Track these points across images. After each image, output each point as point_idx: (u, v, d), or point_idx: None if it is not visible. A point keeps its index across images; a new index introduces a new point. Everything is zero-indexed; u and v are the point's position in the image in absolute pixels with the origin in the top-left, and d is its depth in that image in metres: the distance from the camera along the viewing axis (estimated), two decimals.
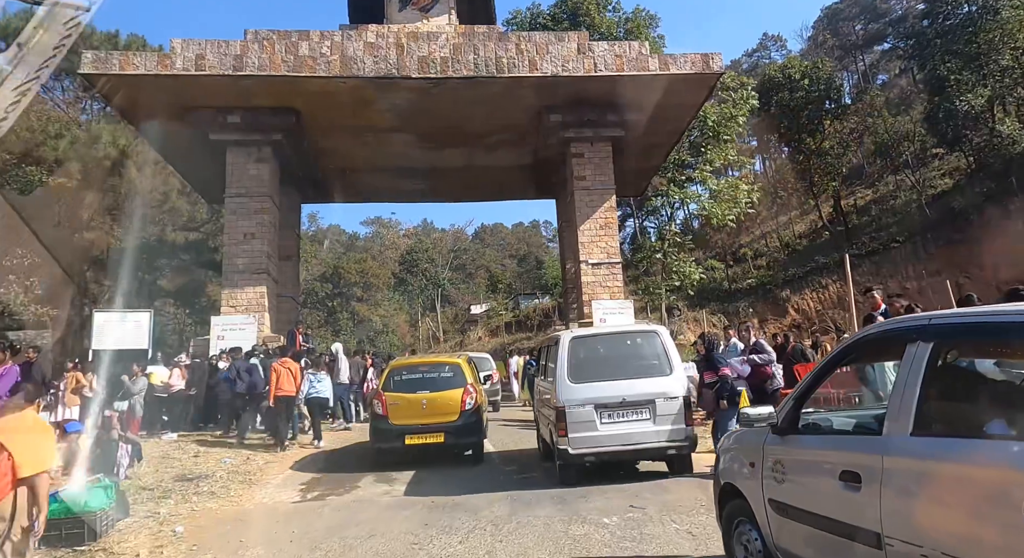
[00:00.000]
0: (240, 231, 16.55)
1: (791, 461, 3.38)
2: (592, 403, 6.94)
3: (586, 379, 7.14)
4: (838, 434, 3.36)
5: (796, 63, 30.33)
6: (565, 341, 7.51)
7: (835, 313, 22.98)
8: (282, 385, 10.30)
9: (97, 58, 14.46)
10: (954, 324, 2.82)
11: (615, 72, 15.74)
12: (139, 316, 14.74)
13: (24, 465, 3.62)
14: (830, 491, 2.94)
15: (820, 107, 28.91)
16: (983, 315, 2.79)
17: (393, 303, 64.61)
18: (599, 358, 7.45)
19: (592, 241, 16.97)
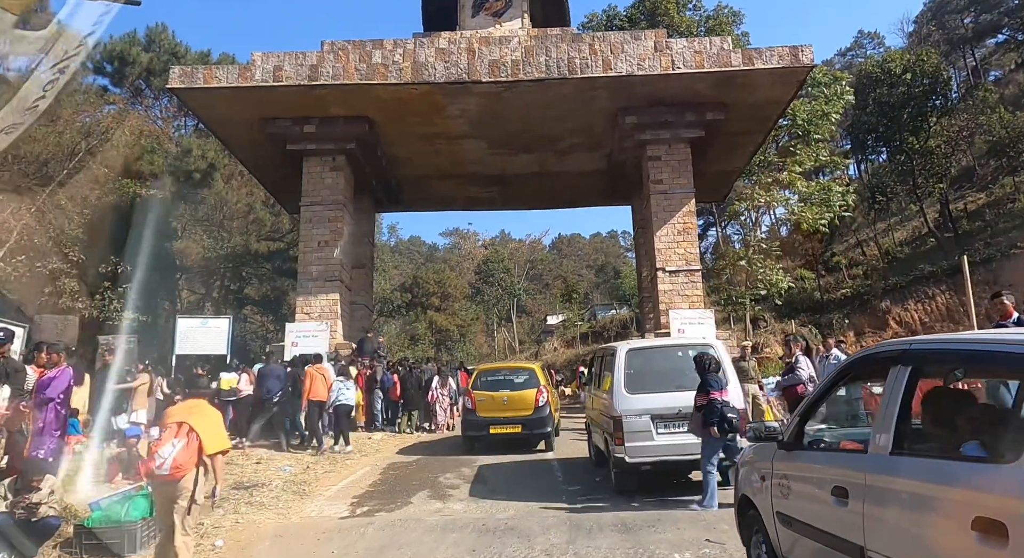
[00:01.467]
0: (314, 239, 16.84)
1: (794, 475, 3.52)
2: (648, 413, 7.15)
3: (642, 390, 7.35)
4: (833, 451, 3.54)
5: (897, 57, 28.10)
6: (621, 353, 7.72)
7: (944, 326, 20.91)
8: (316, 390, 10.35)
9: (183, 73, 15.10)
10: (930, 349, 2.96)
11: (694, 69, 14.96)
12: (219, 322, 15.19)
13: (208, 444, 4.45)
14: (825, 505, 3.08)
15: (924, 103, 26.57)
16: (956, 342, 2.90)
17: (470, 313, 65.02)
18: (655, 370, 7.64)
19: (669, 247, 16.15)
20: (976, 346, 2.67)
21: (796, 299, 28.35)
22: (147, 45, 25.87)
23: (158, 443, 4.43)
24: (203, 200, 23.71)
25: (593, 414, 9.18)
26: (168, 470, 4.24)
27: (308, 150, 17.04)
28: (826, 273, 35.87)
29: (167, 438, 4.38)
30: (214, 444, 4.53)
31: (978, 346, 2.65)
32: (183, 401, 5.23)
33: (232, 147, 18.64)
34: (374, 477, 8.15)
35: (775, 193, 18.13)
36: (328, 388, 10.69)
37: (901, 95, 26.56)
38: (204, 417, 4.62)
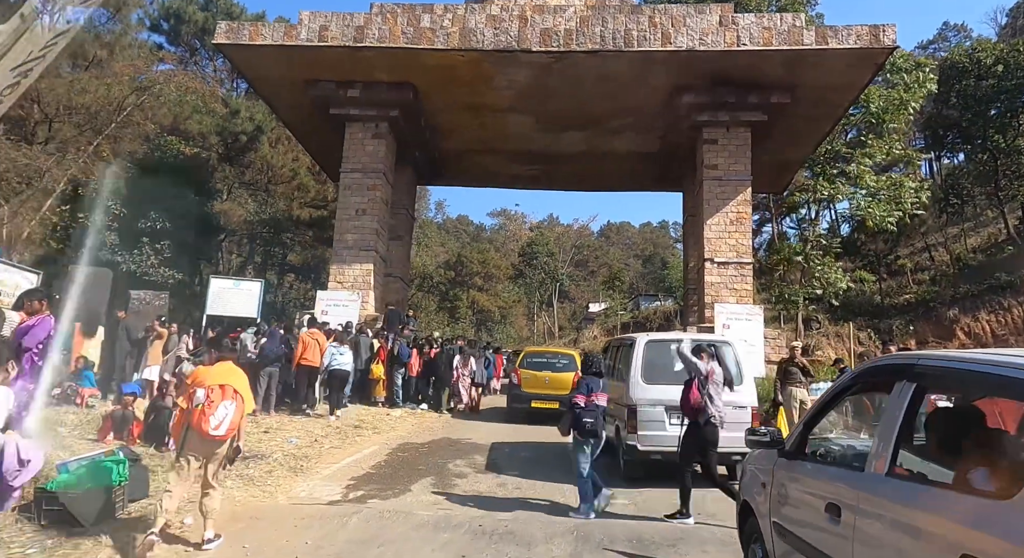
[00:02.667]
0: (352, 207, 16.56)
1: (792, 486, 3.41)
2: (663, 404, 7.24)
3: (658, 382, 7.43)
4: (832, 464, 3.36)
5: (988, 47, 25.90)
6: (640, 344, 7.85)
7: (1018, 340, 19.32)
8: (307, 355, 10.08)
9: (230, 29, 14.90)
10: (940, 366, 2.72)
11: (761, 46, 13.93)
12: (251, 285, 15.11)
13: (248, 405, 4.85)
14: (818, 521, 2.98)
15: (1017, 99, 24.41)
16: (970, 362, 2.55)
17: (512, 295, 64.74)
18: (671, 363, 7.42)
19: (720, 237, 15.25)
20: (991, 368, 2.36)
21: (854, 302, 26.85)
22: (204, 4, 25.99)
23: (210, 404, 4.54)
24: (249, 163, 23.76)
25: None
26: (224, 431, 4.51)
27: (351, 115, 16.69)
28: (888, 277, 33.96)
29: (219, 399, 4.56)
30: (249, 403, 4.92)
31: (993, 369, 2.34)
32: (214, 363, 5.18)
33: (276, 108, 18.45)
34: (380, 458, 7.74)
35: (840, 186, 16.86)
36: (321, 353, 10.46)
37: (990, 88, 24.46)
38: (239, 379, 4.86)
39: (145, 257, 15.84)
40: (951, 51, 26.50)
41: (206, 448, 4.56)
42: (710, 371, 5.74)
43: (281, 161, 24.13)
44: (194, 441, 4.53)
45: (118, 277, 15.76)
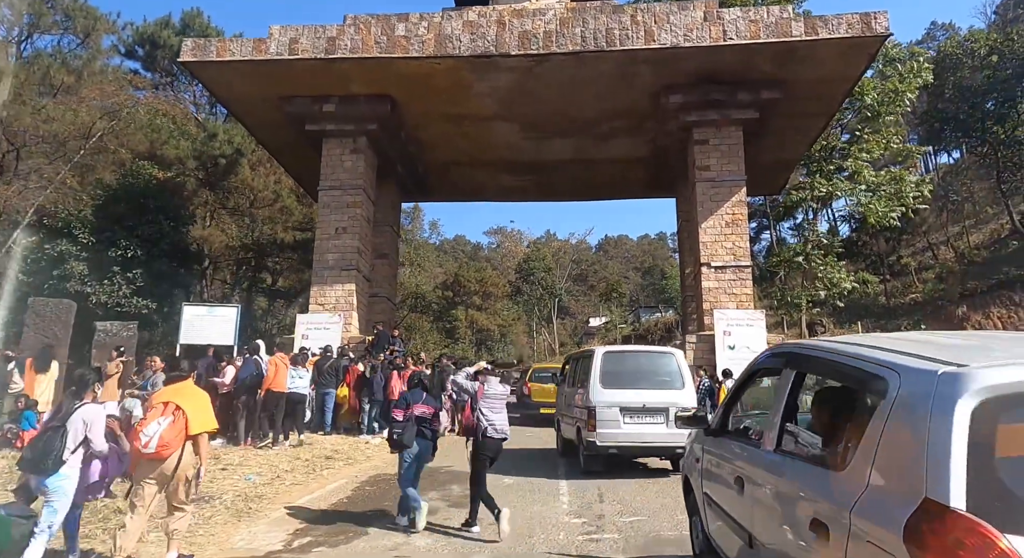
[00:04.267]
0: (332, 225, 16.07)
1: (714, 460, 3.76)
2: (618, 406, 8.56)
3: (614, 386, 8.73)
4: (741, 441, 3.55)
5: (981, 37, 25.62)
6: (599, 354, 9.21)
7: None
8: (279, 380, 9.51)
9: (196, 46, 14.51)
10: (808, 355, 3.09)
11: (749, 40, 13.54)
12: (227, 311, 14.53)
13: (195, 424, 4.56)
14: (731, 491, 3.32)
15: (1015, 88, 24.05)
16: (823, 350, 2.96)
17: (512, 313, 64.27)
18: (625, 371, 9.03)
19: (716, 241, 14.76)
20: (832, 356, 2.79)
21: (858, 304, 26.28)
22: (181, 29, 25.71)
23: (143, 422, 4.50)
24: (230, 187, 23.29)
25: (566, 409, 10.40)
26: (154, 448, 4.34)
27: (328, 131, 16.28)
28: (892, 277, 33.44)
29: (152, 417, 4.46)
30: (200, 423, 4.63)
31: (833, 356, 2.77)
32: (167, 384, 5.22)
33: (252, 128, 18.05)
34: (344, 493, 7.02)
35: (839, 182, 16.38)
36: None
37: (986, 79, 24.14)
38: (191, 398, 4.74)
39: (116, 287, 15.27)
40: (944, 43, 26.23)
41: (149, 469, 4.43)
42: (478, 390, 6.09)
43: (263, 184, 23.68)
44: (140, 466, 4.46)
45: (88, 309, 15.21)
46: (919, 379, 2.14)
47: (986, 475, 1.90)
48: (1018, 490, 1.89)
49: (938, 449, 1.93)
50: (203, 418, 4.72)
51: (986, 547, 1.75)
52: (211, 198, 22.50)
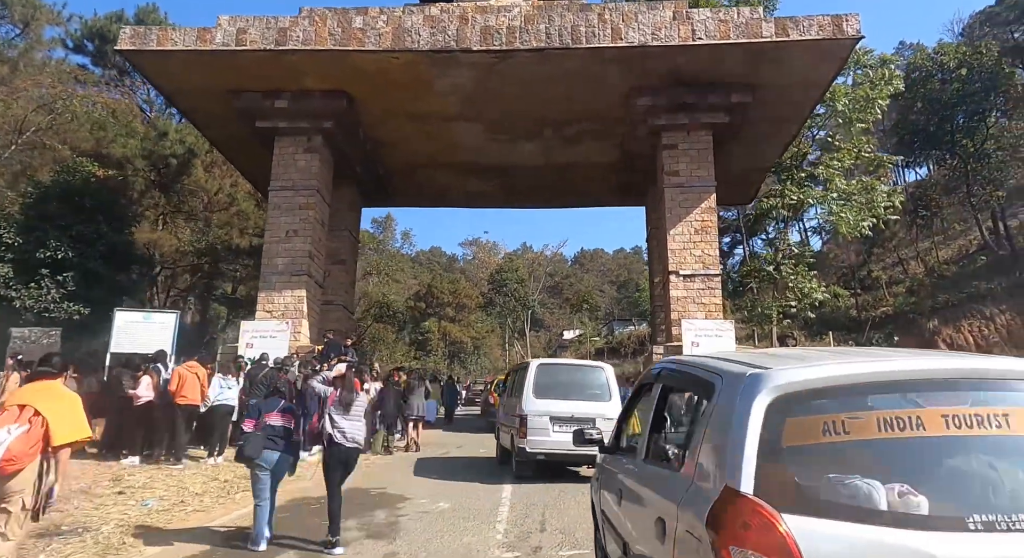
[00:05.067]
0: (282, 228, 15.29)
1: (606, 477, 3.94)
2: (548, 415, 9.01)
3: (546, 397, 9.27)
4: (627, 455, 3.73)
5: (951, 50, 25.80)
6: (533, 366, 9.85)
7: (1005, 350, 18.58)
8: (184, 392, 8.65)
9: (136, 34, 13.70)
10: (669, 369, 3.40)
11: (718, 40, 13.12)
12: (164, 317, 13.58)
13: (57, 433, 3.82)
14: (615, 504, 3.46)
15: (983, 102, 24.17)
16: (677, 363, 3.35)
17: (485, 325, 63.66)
18: (557, 382, 9.62)
19: (685, 248, 14.28)
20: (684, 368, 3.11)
21: (829, 317, 26.09)
22: (135, 24, 24.71)
23: None
24: (183, 190, 22.31)
25: (504, 418, 10.87)
26: None
27: (280, 128, 15.53)
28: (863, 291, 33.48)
29: (2, 423, 3.71)
30: (65, 433, 3.86)
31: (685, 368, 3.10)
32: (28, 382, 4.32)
33: (199, 124, 17.21)
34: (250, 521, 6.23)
35: (810, 190, 16.07)
36: (203, 389, 9.03)
37: (955, 92, 24.24)
38: (56, 400, 3.98)
39: (45, 291, 14.23)
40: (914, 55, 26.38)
41: None
42: (331, 395, 5.84)
43: (217, 186, 22.73)
44: None
45: (10, 313, 14.15)
46: (733, 381, 2.39)
47: (773, 462, 2.13)
48: (799, 475, 2.14)
49: (737, 440, 2.15)
50: (69, 426, 3.92)
51: (766, 526, 1.96)
52: (162, 200, 21.48)
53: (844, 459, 2.20)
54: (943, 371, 2.39)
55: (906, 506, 2.02)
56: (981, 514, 1.98)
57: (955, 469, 2.22)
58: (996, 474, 2.17)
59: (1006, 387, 2.34)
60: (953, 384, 2.34)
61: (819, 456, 2.20)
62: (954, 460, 2.23)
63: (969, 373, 2.41)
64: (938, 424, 2.19)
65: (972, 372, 2.42)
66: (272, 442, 5.44)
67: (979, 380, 2.38)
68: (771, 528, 1.95)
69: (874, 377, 2.31)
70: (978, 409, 2.23)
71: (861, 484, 2.08)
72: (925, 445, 2.21)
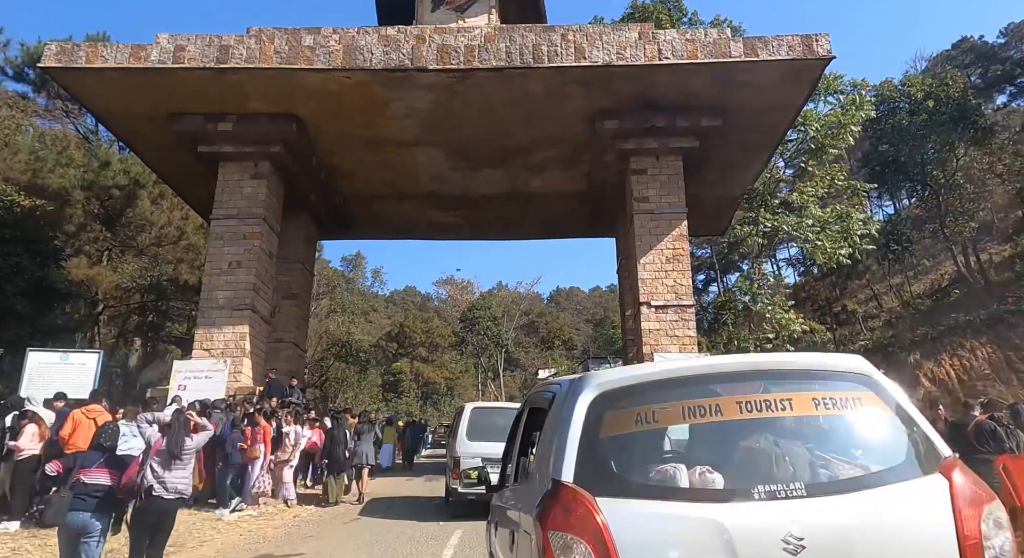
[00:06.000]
0: (224, 259, 14.24)
1: (493, 514, 3.99)
2: (480, 456, 8.79)
3: (479, 439, 9.45)
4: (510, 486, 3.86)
5: (917, 81, 26.08)
6: (467, 410, 10.43)
7: (986, 384, 18.04)
8: (76, 441, 7.49)
9: (62, 50, 12.79)
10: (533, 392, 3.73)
11: (685, 60, 12.62)
12: (85, 357, 12.38)
13: None
14: (495, 536, 3.62)
15: (951, 132, 24.27)
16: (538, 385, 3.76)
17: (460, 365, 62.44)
18: (491, 425, 9.53)
19: (656, 278, 13.53)
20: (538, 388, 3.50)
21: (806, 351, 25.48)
22: None
23: None
24: (127, 223, 21.13)
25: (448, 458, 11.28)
26: None
27: (224, 153, 14.65)
28: (838, 326, 33.12)
29: None
30: None
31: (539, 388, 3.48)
32: None
33: (138, 150, 16.27)
34: None
35: (784, 217, 15.55)
36: None
37: (923, 123, 24.33)
38: None
39: None
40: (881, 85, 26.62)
41: None
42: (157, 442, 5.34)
43: (165, 219, 21.61)
44: None
45: None
46: (566, 387, 2.71)
47: (594, 453, 2.40)
48: (616, 462, 2.43)
49: (563, 436, 2.42)
50: None
51: (582, 511, 2.21)
52: (103, 234, 20.25)
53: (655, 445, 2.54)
54: (740, 364, 2.73)
55: (704, 483, 2.31)
56: (765, 485, 2.27)
57: (747, 448, 2.52)
58: (780, 450, 2.49)
59: (790, 376, 2.66)
60: (748, 376, 2.64)
61: (634, 444, 2.49)
62: (747, 440, 2.54)
63: (761, 366, 2.73)
64: (734, 410, 2.49)
65: (763, 364, 2.74)
66: (81, 501, 4.69)
67: (768, 371, 2.68)
68: (587, 512, 2.17)
69: (681, 372, 2.59)
70: (767, 395, 2.54)
71: (668, 467, 2.36)
72: (723, 428, 2.50)
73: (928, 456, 2.43)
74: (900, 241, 27.81)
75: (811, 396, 2.57)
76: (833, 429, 2.63)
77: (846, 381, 2.63)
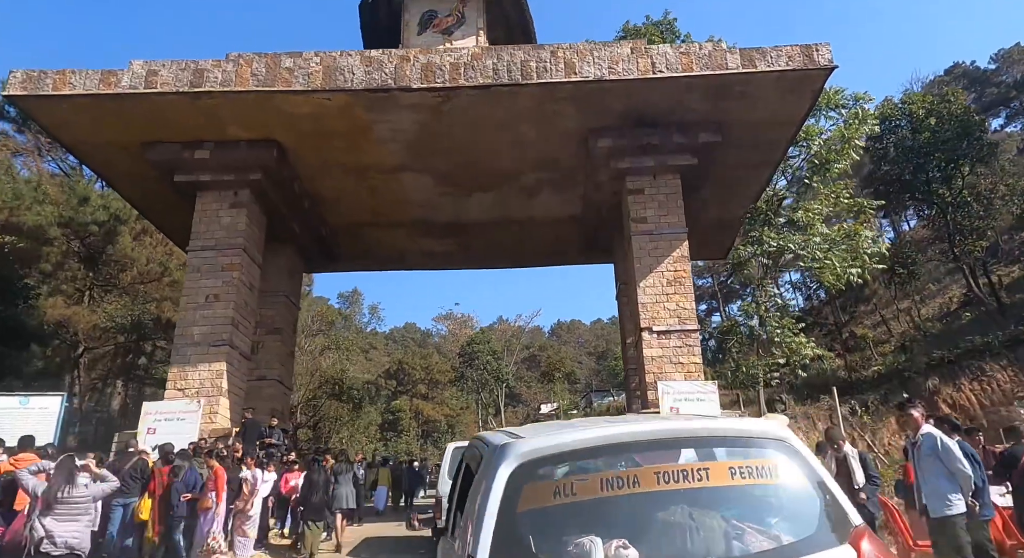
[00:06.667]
0: (201, 292, 13.57)
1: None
2: None
3: None
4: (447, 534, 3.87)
5: (918, 99, 25.76)
6: (449, 449, 11.07)
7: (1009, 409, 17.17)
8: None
9: (28, 77, 12.34)
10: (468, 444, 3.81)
11: (680, 73, 12.16)
12: (47, 401, 11.65)
13: None
14: None
15: (956, 148, 23.82)
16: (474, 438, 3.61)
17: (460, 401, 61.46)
18: None
19: (657, 302, 12.85)
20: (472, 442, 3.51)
21: (816, 379, 24.61)
22: None
23: None
24: (108, 260, 20.54)
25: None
26: None
27: (202, 182, 14.11)
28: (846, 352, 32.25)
29: None
30: None
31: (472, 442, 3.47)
32: None
33: (114, 182, 15.77)
34: None
35: (788, 236, 14.91)
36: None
37: (926, 141, 23.91)
38: None
39: None
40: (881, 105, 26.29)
41: None
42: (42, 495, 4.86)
43: (147, 255, 21.03)
44: None
45: None
46: (492, 451, 2.63)
47: (510, 529, 2.33)
48: (534, 537, 2.37)
49: (483, 510, 2.36)
50: None
51: None
52: (80, 272, 19.64)
53: (573, 519, 2.47)
54: (659, 432, 2.71)
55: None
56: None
57: (664, 520, 2.54)
58: (694, 523, 2.53)
59: (709, 443, 2.69)
60: (667, 444, 2.69)
61: (553, 518, 2.46)
62: (664, 511, 2.56)
63: (680, 433, 2.73)
64: (651, 480, 2.48)
65: (683, 432, 2.75)
66: None
67: (688, 439, 2.71)
68: None
69: (601, 441, 2.57)
70: (684, 465, 2.56)
71: (585, 540, 2.35)
72: (641, 500, 2.49)
73: (839, 525, 2.44)
74: (905, 264, 27.18)
75: (728, 465, 2.58)
76: (750, 498, 2.61)
77: (764, 448, 2.62)
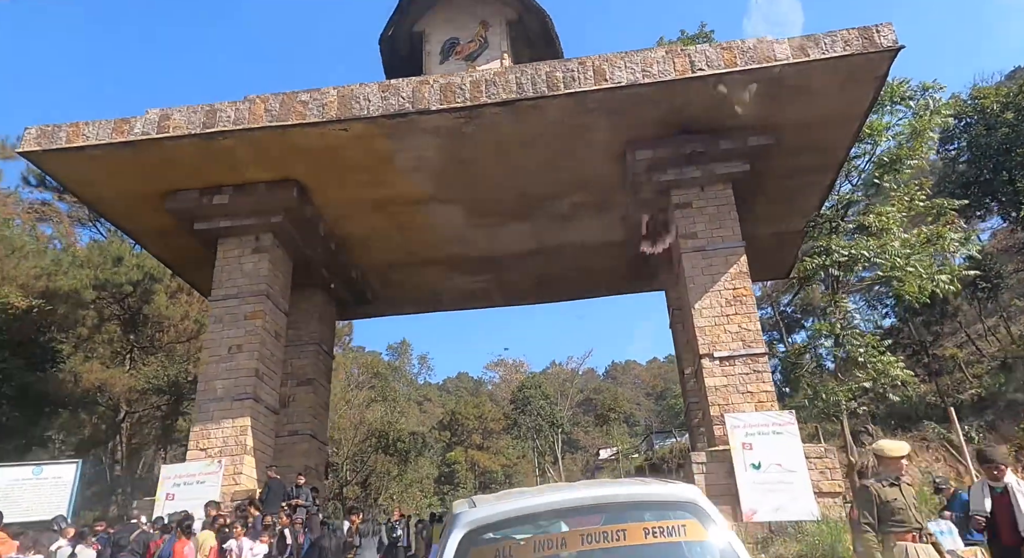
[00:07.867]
0: (224, 344, 12.98)
1: None
2: None
3: None
4: None
5: (990, 92, 23.92)
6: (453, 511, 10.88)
7: None
8: None
9: (42, 133, 12.23)
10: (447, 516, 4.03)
11: (723, 70, 11.13)
12: (60, 470, 11.09)
13: None
14: None
15: None
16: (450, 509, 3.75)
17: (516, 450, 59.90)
18: None
19: (716, 324, 11.57)
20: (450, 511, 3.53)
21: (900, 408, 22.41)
22: None
23: None
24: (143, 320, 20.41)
25: None
26: None
27: (223, 228, 13.72)
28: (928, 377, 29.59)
29: None
30: None
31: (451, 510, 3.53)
32: None
33: (138, 237, 15.59)
34: None
35: (861, 242, 13.41)
36: None
37: (1004, 137, 22.03)
38: None
39: None
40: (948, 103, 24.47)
41: None
42: None
43: (182, 313, 20.88)
44: None
45: None
46: (451, 518, 2.99)
47: None
48: None
49: None
50: None
51: None
52: (117, 334, 19.51)
53: None
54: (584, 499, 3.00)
55: None
56: None
57: None
58: None
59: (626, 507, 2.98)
60: (591, 509, 2.98)
61: None
62: None
63: (601, 500, 3.01)
64: (577, 542, 2.80)
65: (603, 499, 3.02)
66: None
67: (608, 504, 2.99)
68: None
69: (534, 509, 2.91)
70: (605, 527, 2.85)
71: None
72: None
73: None
74: (989, 278, 24.91)
75: (643, 526, 2.85)
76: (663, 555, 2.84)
77: (676, 510, 2.89)
